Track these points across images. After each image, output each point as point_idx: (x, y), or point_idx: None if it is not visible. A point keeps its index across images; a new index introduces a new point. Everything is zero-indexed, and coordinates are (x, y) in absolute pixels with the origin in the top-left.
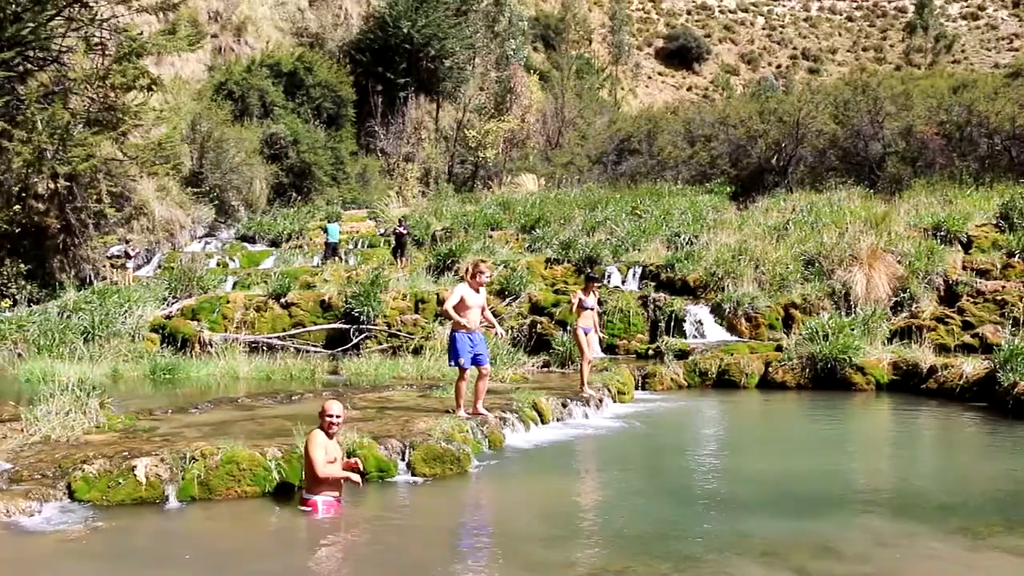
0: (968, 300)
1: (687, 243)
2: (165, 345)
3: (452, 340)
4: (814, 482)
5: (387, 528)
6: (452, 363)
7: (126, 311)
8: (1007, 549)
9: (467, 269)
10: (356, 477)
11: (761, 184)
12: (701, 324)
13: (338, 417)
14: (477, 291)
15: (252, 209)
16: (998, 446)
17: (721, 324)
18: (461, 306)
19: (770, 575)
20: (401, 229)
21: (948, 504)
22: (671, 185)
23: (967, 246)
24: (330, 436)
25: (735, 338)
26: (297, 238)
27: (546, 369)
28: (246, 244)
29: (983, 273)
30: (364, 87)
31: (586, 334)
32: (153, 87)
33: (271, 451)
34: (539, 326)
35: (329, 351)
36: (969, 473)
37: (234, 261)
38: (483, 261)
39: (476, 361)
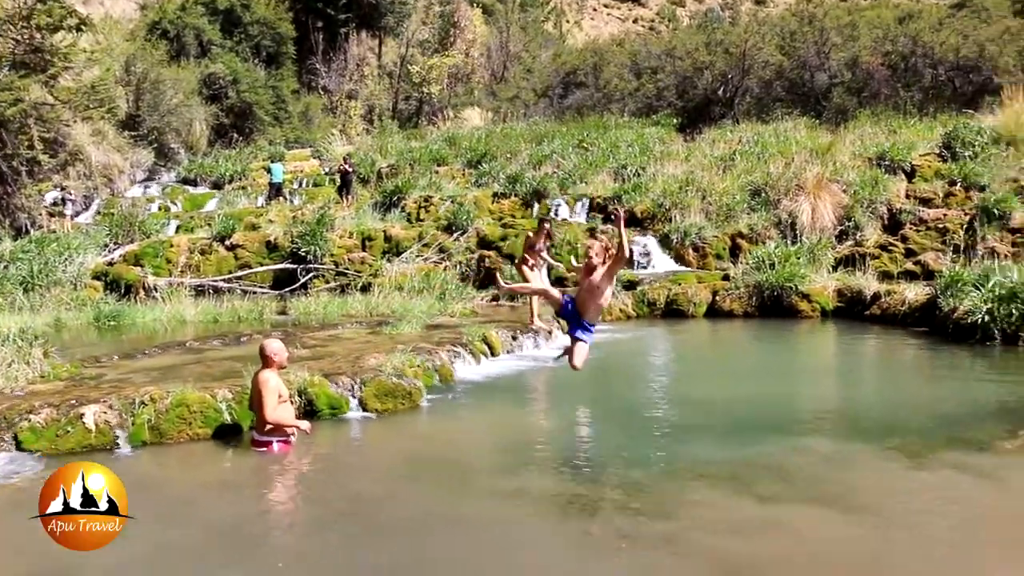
0: (911, 228)
1: (634, 175)
2: (108, 292)
3: None
4: (763, 407)
5: (340, 465)
6: None
7: (66, 259)
8: (947, 464)
9: None
10: (305, 425)
11: (708, 115)
12: (649, 255)
13: (286, 356)
14: None
15: (193, 151)
16: (938, 369)
17: (669, 254)
18: None
19: (723, 499)
20: (346, 167)
21: (892, 425)
22: (618, 118)
23: (911, 175)
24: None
25: (683, 268)
26: (240, 179)
27: (495, 303)
28: (188, 187)
29: (926, 202)
30: (304, 24)
31: (532, 268)
32: (82, 27)
33: (221, 392)
34: (487, 260)
35: (276, 292)
36: (911, 395)
37: (176, 205)
38: None
39: None
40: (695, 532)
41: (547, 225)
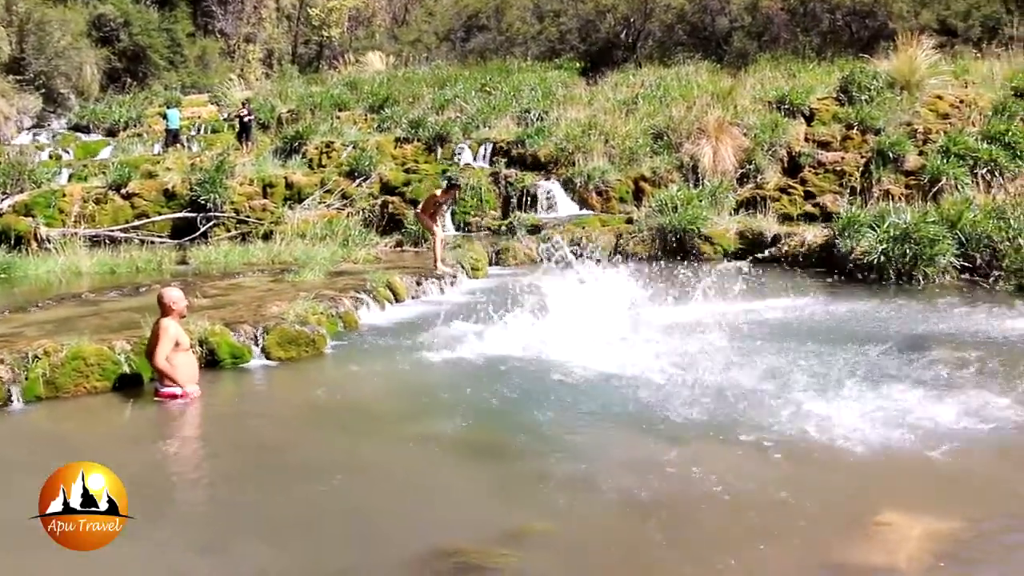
0: (810, 171)
1: (537, 119)
2: None
3: None
4: (670, 348)
5: (243, 414)
6: None
7: None
8: (852, 399)
9: None
10: (192, 390)
11: (610, 59)
12: (553, 199)
13: (186, 304)
14: None
15: (84, 97)
16: (837, 307)
17: (572, 198)
18: None
19: (635, 440)
20: (245, 112)
21: (798, 364)
22: (520, 61)
23: (809, 119)
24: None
25: (587, 212)
26: (135, 126)
27: (399, 248)
28: (80, 134)
29: (824, 145)
30: None
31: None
32: None
33: (119, 344)
34: (391, 206)
35: (176, 241)
36: (815, 334)
37: (68, 152)
38: None
39: None
40: (609, 472)
41: (456, 192)
